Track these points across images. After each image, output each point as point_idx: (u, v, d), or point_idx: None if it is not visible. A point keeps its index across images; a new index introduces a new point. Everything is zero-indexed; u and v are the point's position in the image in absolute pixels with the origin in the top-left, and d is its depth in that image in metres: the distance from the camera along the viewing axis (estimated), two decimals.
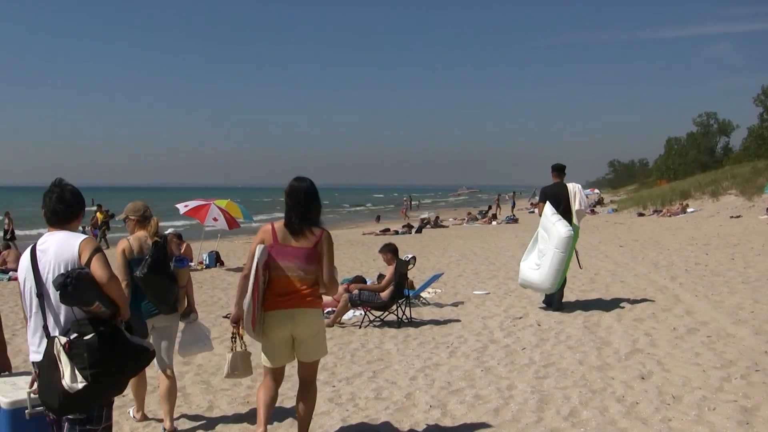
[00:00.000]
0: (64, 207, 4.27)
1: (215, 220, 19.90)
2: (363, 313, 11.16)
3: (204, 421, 6.57)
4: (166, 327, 6.25)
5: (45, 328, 4.13)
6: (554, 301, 11.52)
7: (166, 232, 21.00)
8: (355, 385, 7.55)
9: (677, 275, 14.26)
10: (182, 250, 19.80)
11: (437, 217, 43.53)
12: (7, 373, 5.07)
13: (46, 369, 4.02)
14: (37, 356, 4.20)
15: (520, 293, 13.26)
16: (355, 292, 10.94)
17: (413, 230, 35.20)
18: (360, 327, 10.71)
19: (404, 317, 10.93)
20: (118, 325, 4.12)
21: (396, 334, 10.11)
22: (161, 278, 5.98)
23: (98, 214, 29.13)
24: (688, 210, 36.54)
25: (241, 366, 5.76)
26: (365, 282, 13.02)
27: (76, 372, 3.94)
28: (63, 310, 4.12)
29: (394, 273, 10.80)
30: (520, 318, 10.88)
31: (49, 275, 4.14)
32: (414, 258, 12.41)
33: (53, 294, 4.08)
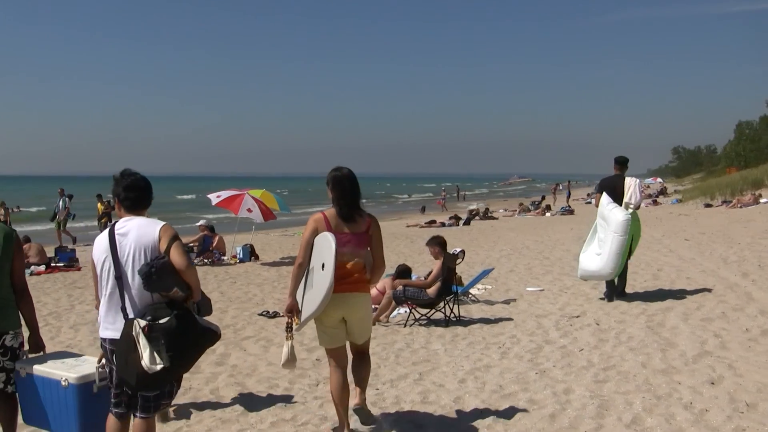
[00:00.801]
0: (140, 194, 4.91)
1: (249, 211, 20.06)
2: (408, 310, 11.16)
3: (238, 425, 6.61)
4: None
5: (123, 309, 4.70)
6: (615, 292, 11.94)
7: (198, 223, 21.36)
8: (400, 388, 7.55)
9: (749, 271, 13.96)
10: (214, 243, 20.05)
11: (487, 208, 43.38)
12: (42, 353, 5.51)
13: (125, 349, 4.59)
14: (109, 333, 4.79)
15: (577, 290, 13.15)
16: (400, 288, 10.94)
17: (461, 222, 35.08)
18: (405, 326, 10.71)
19: (452, 315, 10.90)
20: (189, 308, 4.73)
21: (443, 334, 10.10)
22: None
23: (99, 205, 28.65)
24: (761, 200, 35.75)
25: (295, 356, 6.04)
26: (410, 273, 13.02)
27: (155, 354, 4.52)
28: (140, 293, 4.69)
29: (441, 268, 10.77)
30: (578, 317, 10.78)
31: (128, 259, 4.73)
32: (462, 252, 12.37)
33: (132, 277, 4.70)
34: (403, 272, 12.21)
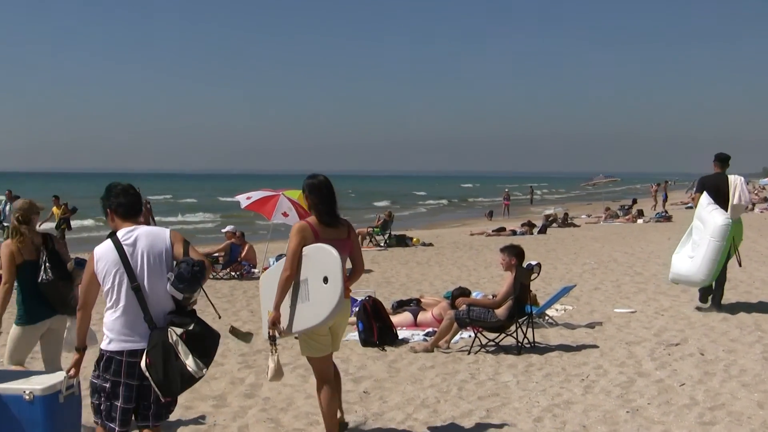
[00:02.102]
0: (132, 199, 5.64)
1: (285, 215, 20.14)
2: (473, 334, 11.10)
3: None
4: (59, 328, 7.45)
5: (148, 320, 5.36)
6: (709, 299, 12.63)
7: (225, 230, 21.53)
8: (464, 428, 7.50)
9: None
10: (243, 253, 20.19)
11: (566, 214, 42.97)
12: None
13: (163, 358, 5.28)
14: (129, 345, 5.39)
15: (676, 312, 12.97)
16: (463, 308, 10.89)
17: (535, 230, 34.86)
18: (469, 353, 10.66)
19: (525, 341, 10.83)
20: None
21: (515, 363, 10.03)
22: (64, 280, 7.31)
23: (54, 209, 28.38)
24: None
25: (282, 370, 6.80)
26: (469, 295, 12.94)
27: (197, 360, 5.33)
28: (161, 301, 5.41)
29: (513, 284, 10.69)
30: (677, 344, 10.64)
31: (144, 268, 5.40)
32: (538, 265, 12.27)
33: (150, 286, 5.40)
34: (460, 297, 12.19)
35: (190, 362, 5.31)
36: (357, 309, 11.82)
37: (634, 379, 9.00)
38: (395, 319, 12.16)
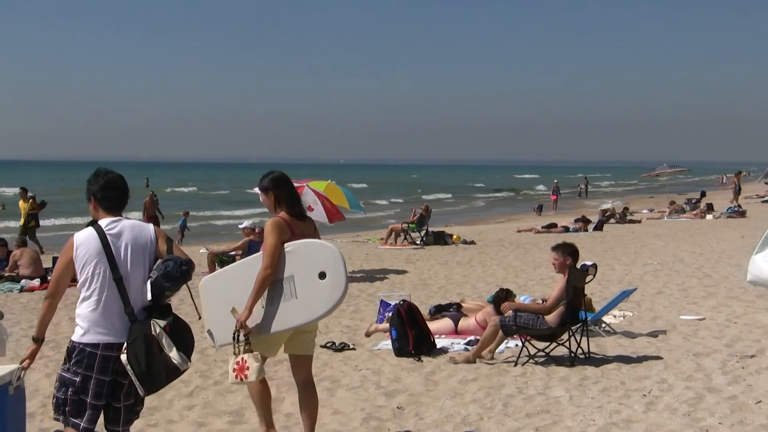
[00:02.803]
0: (120, 193, 5.92)
1: (310, 209, 20.15)
2: (520, 344, 11.07)
3: None
4: None
5: (130, 312, 5.69)
6: None
7: (242, 225, 21.59)
8: None
9: None
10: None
11: (625, 208, 42.69)
12: None
13: (146, 350, 5.60)
14: (106, 338, 5.66)
15: (751, 320, 12.86)
16: (509, 313, 10.85)
17: (590, 226, 34.68)
18: (516, 364, 10.63)
19: (579, 351, 10.79)
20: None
21: (568, 376, 10.00)
22: None
23: (21, 203, 27.96)
24: None
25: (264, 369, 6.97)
26: (513, 297, 12.89)
27: (180, 353, 5.72)
28: (140, 294, 5.74)
29: (565, 287, 10.64)
30: (753, 356, 10.55)
31: (128, 260, 5.75)
32: (594, 266, 12.20)
33: (132, 279, 5.74)
34: (502, 300, 12.11)
35: (174, 355, 5.69)
36: (390, 314, 11.82)
37: (702, 395, 8.92)
38: (433, 325, 12.14)
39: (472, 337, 11.83)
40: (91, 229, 5.74)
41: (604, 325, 12.49)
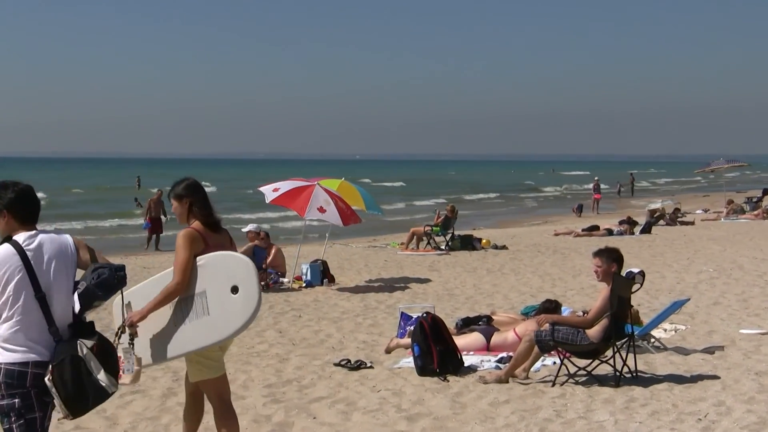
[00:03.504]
0: (36, 205, 6.07)
1: (321, 210, 20.19)
2: (558, 361, 11.04)
3: None
4: None
5: (54, 332, 5.80)
6: None
7: (246, 229, 21.60)
8: None
9: None
10: (269, 258, 20.27)
11: (676, 208, 42.57)
12: None
13: (74, 372, 5.73)
14: (33, 356, 5.76)
15: None
16: (547, 326, 10.82)
17: (637, 229, 34.59)
18: (554, 384, 10.61)
19: (626, 369, 10.74)
20: None
21: (612, 397, 9.96)
22: None
23: None
24: None
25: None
26: (560, 311, 12.85)
27: (108, 375, 5.85)
28: (64, 311, 5.88)
29: (609, 297, 10.60)
30: None
31: (51, 275, 5.86)
32: (642, 274, 12.14)
33: (56, 295, 5.85)
34: (551, 312, 12.08)
35: (102, 377, 5.83)
36: (412, 328, 11.80)
37: (766, 419, 8.88)
38: (460, 341, 12.11)
39: (504, 354, 11.79)
40: (8, 246, 5.82)
41: (653, 340, 12.46)
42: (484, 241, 29.24)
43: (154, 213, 32.70)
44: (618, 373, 10.64)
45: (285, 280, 20.48)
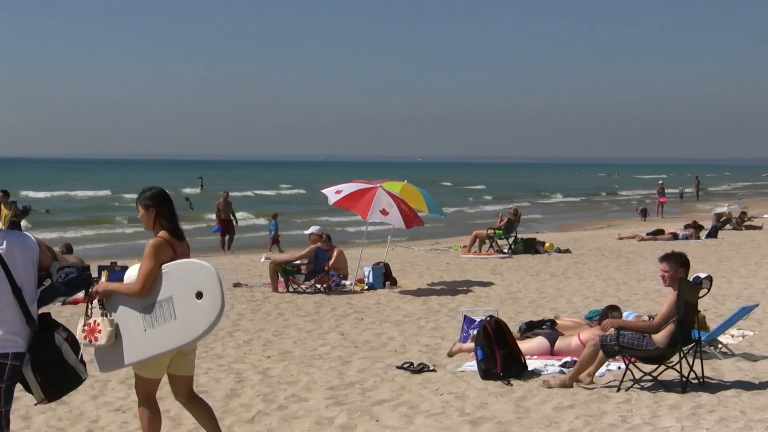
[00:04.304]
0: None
1: (384, 212, 20.19)
2: (624, 366, 10.94)
3: None
4: None
5: (32, 323, 6.33)
6: None
7: (308, 231, 21.63)
8: None
9: None
10: (331, 261, 20.29)
11: (743, 212, 42.10)
12: None
13: (53, 360, 6.41)
14: (12, 348, 6.22)
15: None
16: (611, 331, 10.73)
17: (703, 233, 34.28)
18: (619, 389, 10.51)
19: (692, 375, 10.62)
20: None
21: (679, 403, 9.85)
22: None
23: (2, 206, 26.90)
24: None
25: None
26: (623, 316, 12.76)
27: (79, 362, 6.59)
28: (34, 305, 6.41)
29: (676, 302, 10.50)
30: None
31: (22, 271, 6.31)
32: (708, 279, 12.01)
33: (28, 289, 6.33)
34: (611, 310, 11.99)
35: (78, 366, 6.59)
36: (475, 332, 11.76)
37: None
38: (524, 345, 12.05)
39: (568, 359, 11.71)
40: None
41: (720, 345, 12.32)
42: (547, 244, 29.11)
43: (224, 215, 32.96)
44: (684, 379, 10.52)
45: (347, 282, 20.55)
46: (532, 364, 11.62)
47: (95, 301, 7.35)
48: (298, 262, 20.27)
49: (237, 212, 35.51)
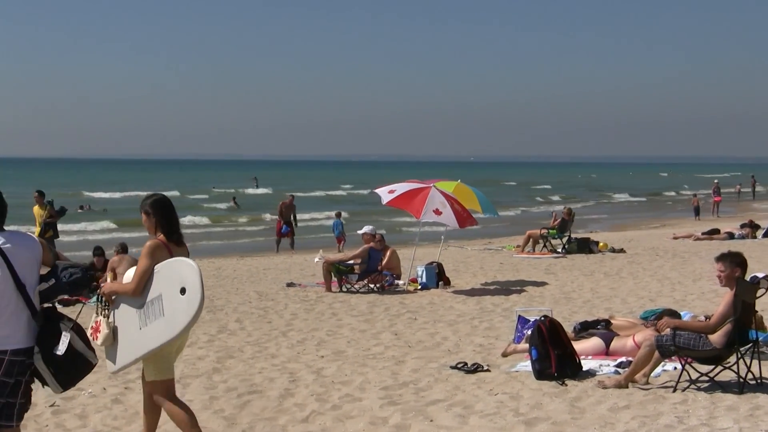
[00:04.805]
0: (4, 207, 6.80)
1: (437, 212, 20.18)
2: (680, 367, 10.84)
3: None
4: None
5: (36, 317, 6.64)
6: None
7: (361, 231, 21.68)
8: None
9: None
10: (385, 260, 20.30)
11: None
12: None
13: (70, 351, 6.70)
14: (11, 345, 6.52)
15: None
16: (668, 332, 10.63)
17: (759, 232, 33.97)
18: (675, 390, 10.40)
19: (750, 376, 10.48)
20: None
21: (736, 404, 9.73)
22: None
23: (36, 208, 26.32)
24: None
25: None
26: (679, 317, 12.64)
27: (87, 349, 6.92)
28: (35, 300, 6.69)
29: (732, 302, 10.37)
30: None
31: (26, 270, 6.62)
32: (766, 279, 11.87)
33: (31, 287, 6.64)
34: (669, 312, 11.88)
35: (85, 351, 6.89)
36: (530, 332, 11.70)
37: None
38: (579, 345, 11.96)
39: (623, 359, 11.61)
40: None
41: None
42: (601, 244, 28.98)
43: (285, 217, 33.26)
44: (742, 380, 10.39)
45: (400, 282, 20.54)
46: (586, 364, 11.53)
47: (102, 301, 7.72)
48: (351, 261, 20.30)
49: (305, 213, 35.93)
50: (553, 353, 11.07)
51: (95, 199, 72.19)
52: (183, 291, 7.37)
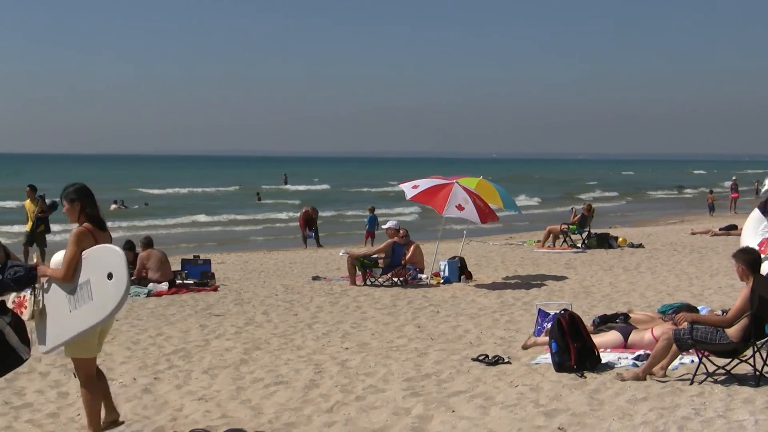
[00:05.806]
0: None
1: (460, 208, 20.15)
2: (697, 360, 10.80)
3: None
4: None
5: None
6: None
7: (386, 226, 21.71)
8: None
9: None
10: (408, 255, 20.31)
11: None
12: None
13: (2, 348, 7.27)
14: None
15: None
16: (685, 325, 10.60)
17: None
18: (692, 383, 10.36)
19: (766, 369, 10.42)
20: None
21: (752, 397, 9.68)
22: None
23: (27, 203, 25.92)
24: None
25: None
26: (696, 311, 12.59)
27: (22, 344, 7.49)
28: None
29: (749, 297, 10.33)
30: None
31: None
32: None
33: None
34: (686, 307, 11.83)
35: (18, 345, 7.36)
36: (550, 325, 11.69)
37: None
38: (598, 338, 11.94)
39: (641, 352, 11.57)
40: None
41: None
42: (620, 239, 28.91)
43: (310, 225, 33.55)
44: (758, 373, 10.33)
45: (423, 276, 20.56)
46: (605, 357, 11.50)
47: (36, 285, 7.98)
48: (375, 256, 20.30)
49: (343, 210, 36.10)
50: (573, 346, 11.04)
51: (150, 195, 72.63)
52: (110, 276, 7.65)
